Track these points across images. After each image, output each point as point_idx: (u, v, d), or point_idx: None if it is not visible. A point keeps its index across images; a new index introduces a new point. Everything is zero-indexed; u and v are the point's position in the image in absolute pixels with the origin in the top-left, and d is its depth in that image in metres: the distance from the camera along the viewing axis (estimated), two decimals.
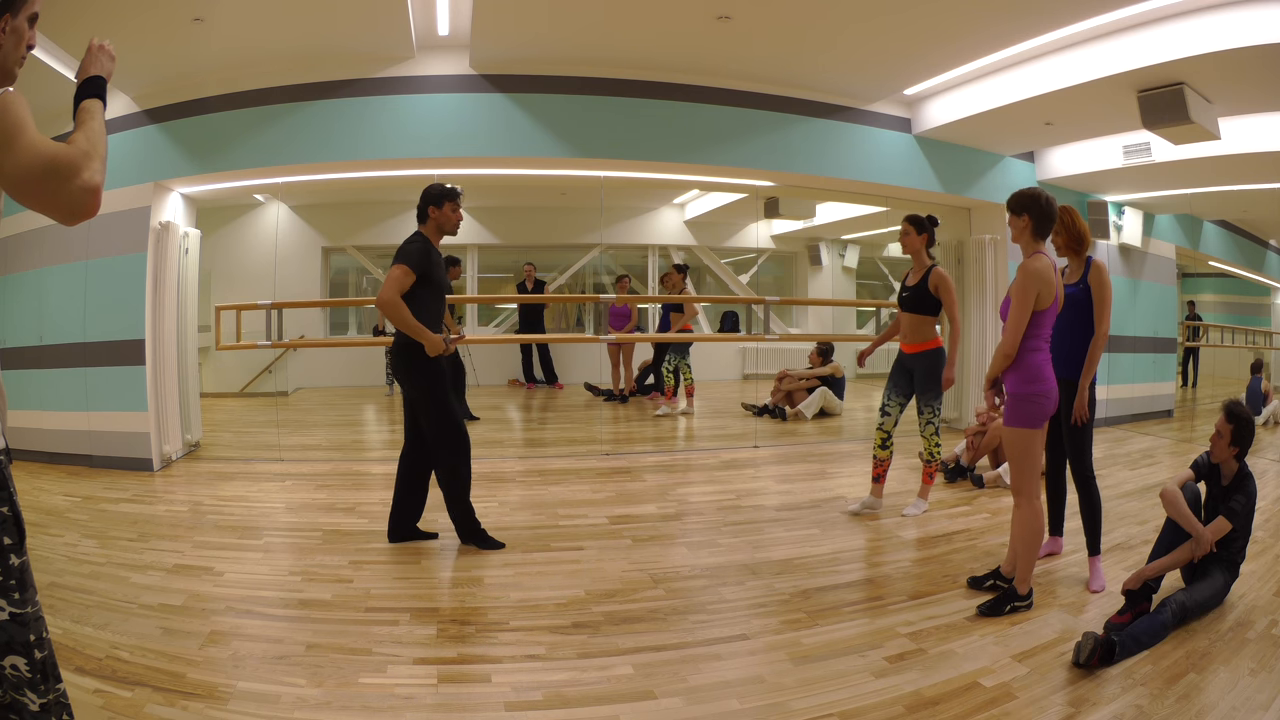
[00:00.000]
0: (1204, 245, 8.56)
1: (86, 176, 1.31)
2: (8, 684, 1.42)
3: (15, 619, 1.38)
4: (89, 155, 1.33)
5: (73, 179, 1.30)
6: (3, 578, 1.36)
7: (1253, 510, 2.96)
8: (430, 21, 4.85)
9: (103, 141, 1.40)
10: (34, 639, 1.40)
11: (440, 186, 3.54)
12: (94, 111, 1.47)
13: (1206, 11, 4.11)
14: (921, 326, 4.19)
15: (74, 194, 1.30)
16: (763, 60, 5.21)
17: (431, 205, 3.50)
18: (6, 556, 1.35)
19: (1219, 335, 8.92)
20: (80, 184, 1.30)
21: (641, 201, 9.49)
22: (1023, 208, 2.87)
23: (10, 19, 1.42)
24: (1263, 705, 2.21)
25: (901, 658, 2.52)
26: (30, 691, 1.41)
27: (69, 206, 1.31)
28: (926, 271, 4.12)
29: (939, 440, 4.31)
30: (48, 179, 1.29)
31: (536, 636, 2.66)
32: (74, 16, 4.11)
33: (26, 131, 1.30)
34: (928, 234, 4.16)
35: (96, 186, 1.32)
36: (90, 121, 1.43)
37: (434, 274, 3.44)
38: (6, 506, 1.35)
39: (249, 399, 8.24)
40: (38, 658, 1.41)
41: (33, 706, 1.42)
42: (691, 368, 7.55)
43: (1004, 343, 2.83)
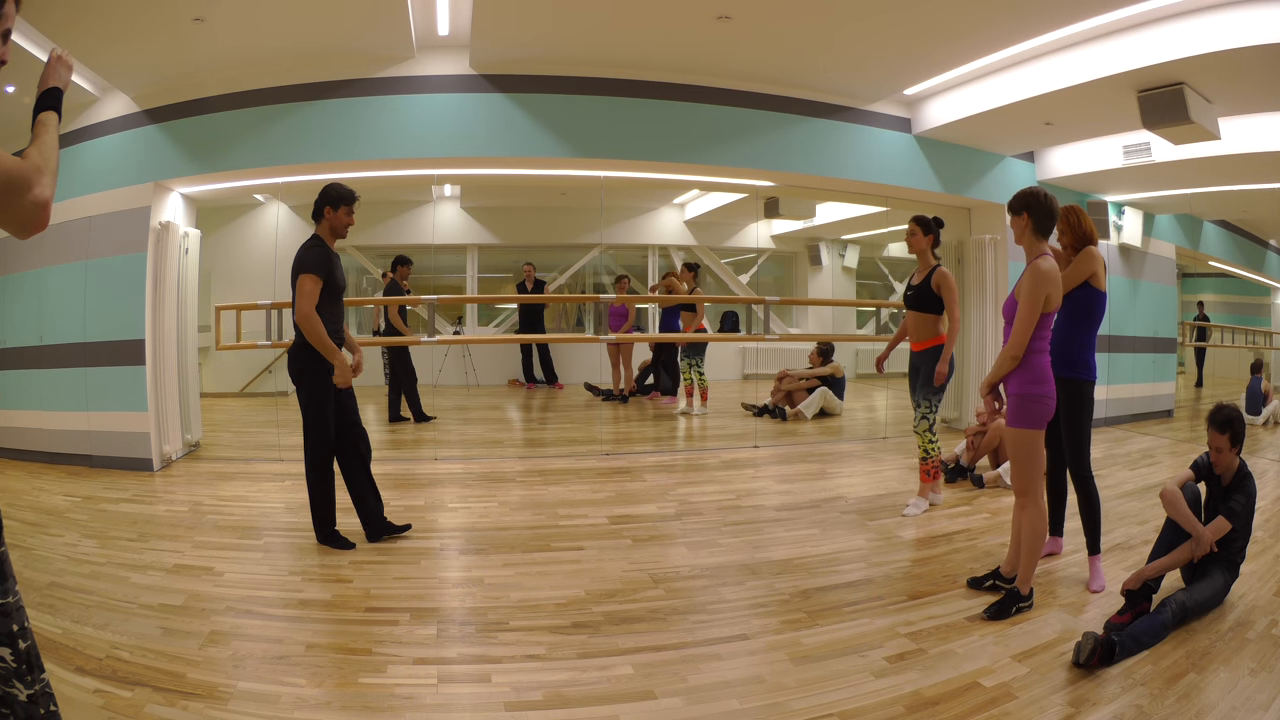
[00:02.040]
0: (1204, 245, 8.56)
1: (37, 192, 1.33)
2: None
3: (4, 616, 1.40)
4: (40, 170, 1.36)
5: (24, 194, 1.32)
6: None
7: (1253, 510, 2.96)
8: (430, 21, 4.85)
9: (54, 155, 1.43)
10: (17, 629, 1.43)
11: (340, 188, 3.55)
12: (49, 124, 1.50)
13: (1206, 11, 4.11)
14: (926, 324, 4.25)
15: (25, 209, 1.33)
16: (763, 60, 5.21)
17: (328, 206, 3.52)
18: None
19: (1219, 335, 8.92)
20: (31, 199, 1.33)
21: (641, 201, 9.48)
22: (1022, 206, 2.86)
23: None
24: (1263, 705, 2.21)
25: (901, 658, 2.52)
26: (18, 682, 1.44)
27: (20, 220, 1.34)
28: (931, 271, 4.19)
29: (934, 437, 4.31)
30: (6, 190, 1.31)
31: (536, 636, 2.66)
32: (75, 17, 4.11)
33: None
34: (933, 235, 4.23)
35: (46, 201, 1.35)
36: (44, 135, 1.46)
37: (334, 276, 3.51)
38: None
39: (249, 399, 8.24)
40: (21, 648, 1.43)
41: (21, 697, 1.45)
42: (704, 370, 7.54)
43: (1012, 344, 2.80)
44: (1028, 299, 2.77)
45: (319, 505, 3.61)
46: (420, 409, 6.99)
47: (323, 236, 3.54)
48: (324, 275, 3.44)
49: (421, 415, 6.98)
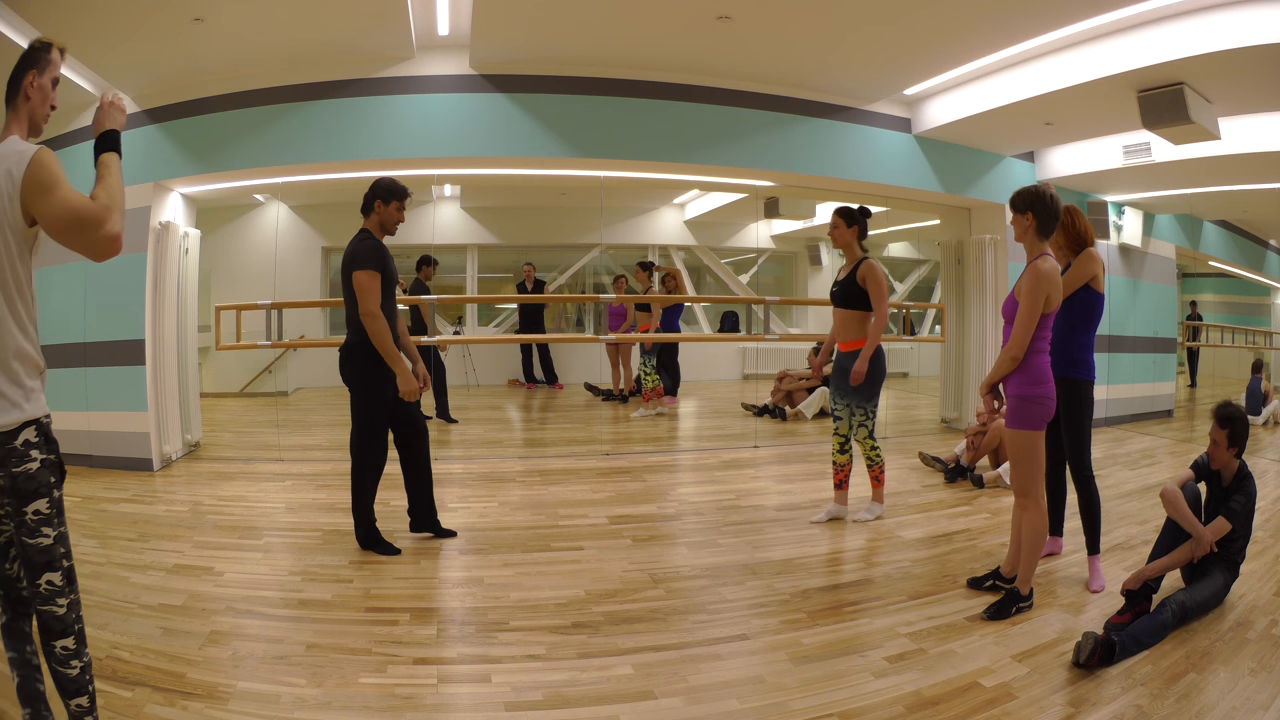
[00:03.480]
0: (1204, 245, 8.56)
1: (109, 228, 1.62)
2: (40, 599, 1.72)
3: (58, 540, 1.73)
4: (109, 209, 1.64)
5: (98, 229, 1.61)
6: (51, 510, 1.71)
7: (1253, 510, 2.96)
8: (430, 21, 4.85)
9: (120, 193, 1.70)
10: (63, 551, 1.75)
11: (392, 182, 3.45)
12: (111, 166, 1.76)
13: (1206, 11, 4.11)
14: (855, 322, 3.99)
15: (99, 241, 1.62)
16: (763, 60, 5.20)
17: (379, 200, 3.42)
18: (53, 491, 1.71)
19: (1219, 335, 8.92)
20: (104, 234, 1.62)
21: (641, 201, 9.49)
22: (1027, 205, 2.82)
23: (36, 75, 1.75)
24: (1263, 705, 2.21)
25: (901, 658, 2.52)
26: (59, 599, 1.74)
27: (94, 250, 1.63)
28: (857, 264, 3.93)
29: (875, 443, 4.11)
30: (77, 229, 1.61)
31: (536, 636, 2.66)
32: (76, 18, 4.11)
33: (60, 186, 1.62)
34: (858, 226, 3.97)
35: (117, 235, 1.64)
36: (108, 176, 1.73)
37: (390, 270, 3.42)
38: (54, 455, 1.73)
39: (249, 399, 8.25)
40: (66, 566, 1.75)
41: (59, 611, 1.74)
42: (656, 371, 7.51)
43: (1012, 345, 2.79)
44: (1028, 299, 2.76)
45: (361, 512, 3.55)
46: (447, 408, 6.98)
47: (372, 230, 3.43)
48: (380, 270, 3.32)
49: (446, 415, 6.96)
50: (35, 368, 1.71)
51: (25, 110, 1.77)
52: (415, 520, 3.72)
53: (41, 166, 1.62)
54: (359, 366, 3.40)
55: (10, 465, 1.64)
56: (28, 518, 1.68)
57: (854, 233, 3.96)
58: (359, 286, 3.29)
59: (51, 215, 1.61)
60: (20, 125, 1.76)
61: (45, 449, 1.70)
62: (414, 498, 3.70)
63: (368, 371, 3.39)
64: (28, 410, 1.66)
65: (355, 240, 3.42)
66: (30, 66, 1.75)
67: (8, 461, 1.64)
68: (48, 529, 1.71)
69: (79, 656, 1.78)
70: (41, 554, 1.71)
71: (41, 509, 1.69)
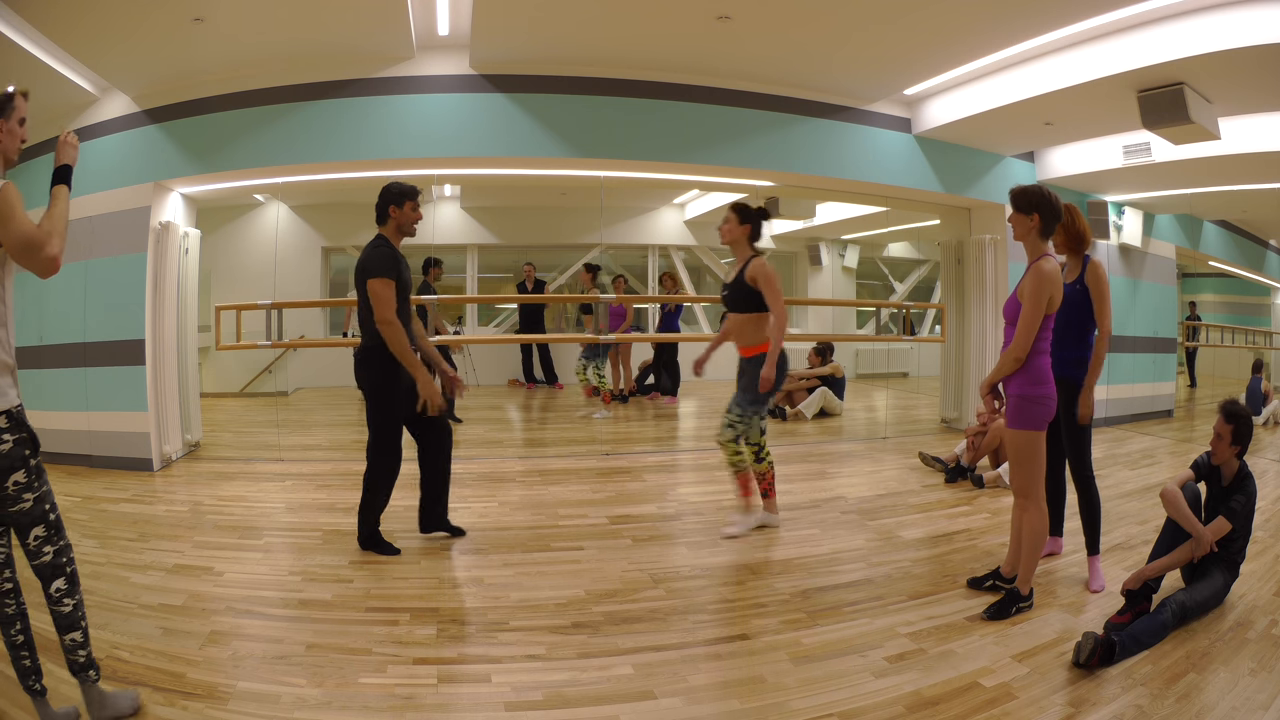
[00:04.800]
0: (1204, 245, 8.56)
1: (48, 251, 1.90)
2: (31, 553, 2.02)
3: (38, 500, 2.01)
4: (50, 235, 1.92)
5: (39, 252, 1.89)
6: (29, 478, 1.99)
7: (1253, 510, 2.96)
8: (430, 21, 4.85)
9: (63, 221, 1.99)
10: (48, 507, 2.03)
11: (400, 185, 3.44)
12: (59, 197, 2.04)
13: (1206, 11, 4.11)
14: (749, 326, 3.73)
15: (41, 262, 1.91)
16: (763, 60, 5.20)
17: (392, 205, 3.41)
18: (28, 461, 1.99)
19: (1219, 335, 8.92)
20: (44, 256, 1.90)
21: (641, 201, 9.49)
22: (1033, 206, 2.82)
23: (4, 122, 2.02)
24: (1263, 705, 2.21)
25: (901, 658, 2.52)
26: (47, 546, 2.03)
27: (38, 269, 1.92)
28: (746, 263, 3.71)
29: (739, 449, 3.78)
30: (25, 252, 1.90)
31: (536, 636, 2.66)
32: (75, 17, 4.11)
33: (14, 217, 1.88)
34: (751, 224, 3.74)
35: (55, 256, 1.92)
36: (54, 206, 2.00)
37: (404, 277, 3.43)
38: (25, 433, 1.99)
39: (249, 399, 8.25)
40: (52, 518, 2.04)
41: (48, 559, 2.04)
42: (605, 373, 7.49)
43: (1016, 346, 2.78)
44: (1032, 300, 2.76)
45: (369, 514, 3.52)
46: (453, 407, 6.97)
47: (388, 237, 3.42)
48: (394, 277, 3.32)
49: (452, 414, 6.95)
50: (5, 367, 1.98)
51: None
52: (427, 520, 3.70)
53: (2, 199, 1.88)
54: (374, 371, 3.39)
55: None
56: (9, 489, 1.96)
57: (745, 231, 3.74)
58: (374, 295, 3.29)
59: (8, 240, 1.89)
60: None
61: (15, 431, 1.96)
62: (429, 497, 3.67)
63: (383, 376, 3.38)
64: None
65: (370, 247, 3.40)
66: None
67: None
68: (28, 494, 1.99)
69: (70, 596, 2.07)
70: (25, 515, 2.00)
71: (19, 479, 1.97)
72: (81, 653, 2.09)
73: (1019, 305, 2.83)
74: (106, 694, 2.13)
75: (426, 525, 3.71)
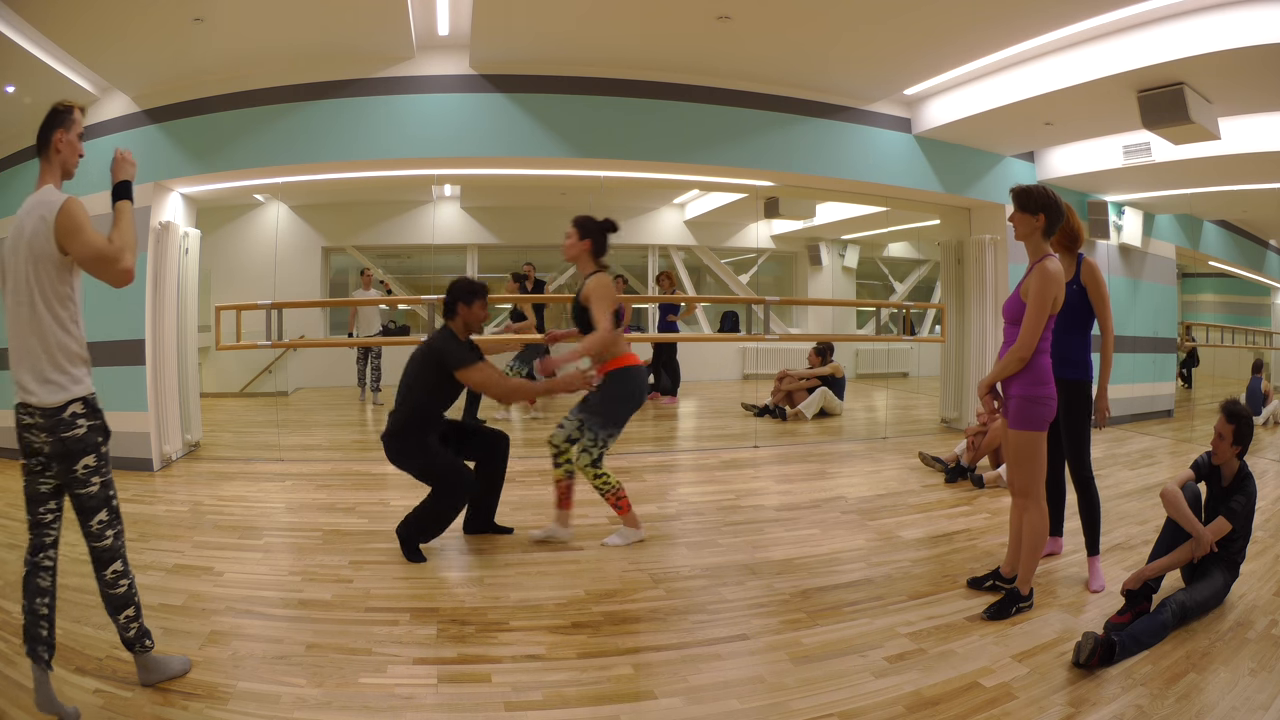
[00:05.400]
0: (1204, 245, 8.56)
1: (122, 264, 2.10)
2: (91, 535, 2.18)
3: (104, 485, 2.17)
4: (123, 250, 2.11)
5: (114, 265, 2.09)
6: (99, 462, 2.16)
7: (1253, 510, 2.96)
8: (430, 21, 4.85)
9: (132, 234, 2.16)
10: (111, 494, 2.20)
11: (470, 283, 3.51)
12: (124, 211, 2.21)
13: (1206, 11, 4.11)
14: None
15: (116, 274, 2.11)
16: (763, 60, 5.20)
17: (460, 302, 3.49)
18: (99, 448, 2.17)
19: (1219, 335, 8.92)
20: (119, 269, 2.10)
21: (641, 201, 9.49)
22: (1040, 207, 2.82)
23: (64, 133, 2.20)
24: (1263, 705, 2.21)
25: (901, 658, 2.52)
26: (108, 531, 2.19)
27: (113, 281, 2.13)
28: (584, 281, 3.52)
29: (601, 471, 3.56)
30: (99, 265, 2.10)
31: (536, 636, 2.66)
32: (74, 17, 4.11)
33: (84, 231, 2.07)
34: (592, 240, 3.51)
35: (129, 269, 2.12)
36: (121, 221, 2.18)
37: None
38: (99, 420, 2.18)
39: (249, 399, 8.25)
40: (114, 505, 2.21)
41: (108, 543, 2.19)
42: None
43: (1021, 345, 2.77)
44: (1037, 301, 2.75)
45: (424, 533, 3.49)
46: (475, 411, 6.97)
47: (455, 331, 3.52)
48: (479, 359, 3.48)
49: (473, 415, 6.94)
50: (79, 359, 2.18)
51: (57, 162, 2.20)
52: (475, 524, 3.76)
53: (69, 215, 2.07)
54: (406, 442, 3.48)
55: (60, 431, 2.10)
56: (78, 471, 2.12)
57: (586, 246, 3.51)
58: (473, 382, 3.44)
59: (79, 254, 2.08)
60: (54, 175, 2.20)
61: (91, 417, 2.15)
62: (483, 504, 3.75)
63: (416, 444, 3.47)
64: (73, 391, 2.13)
65: (440, 337, 3.50)
66: (58, 126, 2.19)
67: (58, 429, 2.10)
68: (95, 478, 2.15)
69: (125, 577, 2.24)
70: (91, 499, 2.15)
71: (90, 463, 2.14)
72: (134, 625, 2.24)
73: (1021, 304, 2.83)
74: (159, 658, 2.29)
75: (473, 528, 3.76)
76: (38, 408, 2.09)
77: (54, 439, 2.10)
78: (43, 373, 2.10)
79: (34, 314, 2.10)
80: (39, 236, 2.08)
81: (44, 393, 2.09)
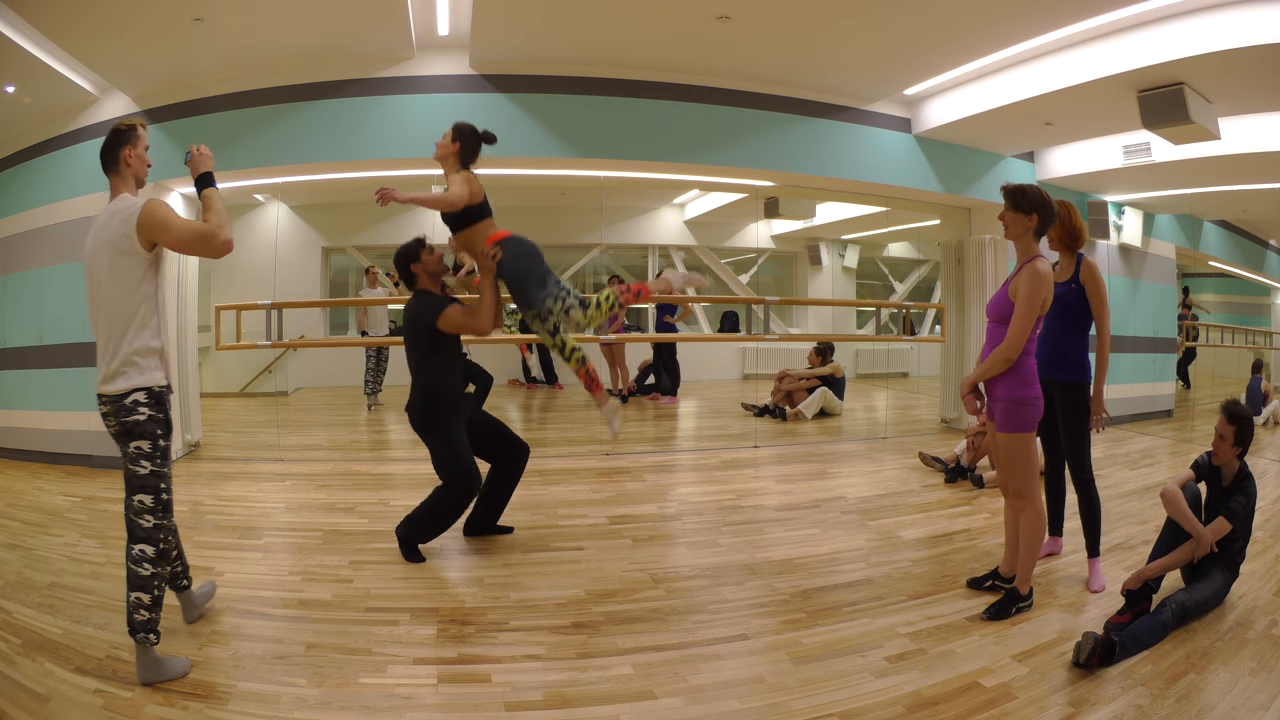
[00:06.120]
0: (1204, 245, 8.55)
1: (222, 237, 2.36)
2: (131, 509, 2.36)
3: (154, 474, 2.36)
4: (221, 226, 2.37)
5: (214, 240, 2.35)
6: (153, 450, 2.35)
7: (1253, 510, 2.96)
8: (430, 21, 4.85)
9: (225, 214, 2.41)
10: (162, 486, 2.39)
11: (405, 246, 3.55)
12: (213, 196, 2.46)
13: (1206, 11, 4.11)
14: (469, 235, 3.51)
15: (218, 247, 2.35)
16: (763, 60, 5.20)
17: (412, 264, 3.53)
18: (158, 439, 2.37)
19: (1219, 335, 8.92)
20: (219, 242, 2.36)
21: (641, 201, 9.49)
22: (1034, 207, 2.81)
23: (132, 149, 2.47)
24: (1263, 705, 2.21)
25: (901, 658, 2.52)
26: (146, 515, 2.36)
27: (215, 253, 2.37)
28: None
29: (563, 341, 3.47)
30: (199, 241, 2.36)
31: (536, 636, 2.66)
32: (74, 16, 4.11)
33: (174, 221, 2.34)
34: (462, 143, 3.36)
35: (228, 240, 2.36)
36: (215, 203, 2.43)
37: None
38: (161, 414, 2.38)
39: (249, 399, 8.24)
40: (164, 498, 2.40)
41: (143, 524, 2.36)
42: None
43: (1008, 346, 2.76)
44: (1027, 301, 2.74)
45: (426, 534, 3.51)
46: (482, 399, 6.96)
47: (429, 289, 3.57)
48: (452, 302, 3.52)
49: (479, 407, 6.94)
50: (155, 353, 2.38)
51: (128, 174, 2.44)
52: (476, 527, 3.76)
53: (153, 213, 2.31)
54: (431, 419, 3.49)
55: (121, 415, 2.33)
56: (130, 451, 2.34)
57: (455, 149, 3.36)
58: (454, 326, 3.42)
59: (177, 239, 2.33)
60: (127, 185, 2.44)
61: (153, 408, 2.35)
62: (489, 509, 3.76)
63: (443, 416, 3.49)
64: (137, 381, 2.34)
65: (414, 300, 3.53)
66: (124, 144, 2.45)
67: (120, 413, 2.34)
68: (145, 462, 2.35)
69: (152, 563, 2.35)
70: (137, 479, 2.34)
71: (143, 447, 2.34)
72: (143, 614, 2.31)
73: (1007, 303, 2.81)
74: (160, 657, 2.33)
75: (473, 530, 3.76)
76: (107, 395, 2.35)
77: (117, 421, 2.34)
78: (115, 365, 2.33)
79: (114, 312, 2.34)
80: (122, 239, 2.31)
81: (112, 383, 2.34)
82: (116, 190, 2.41)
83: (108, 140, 2.43)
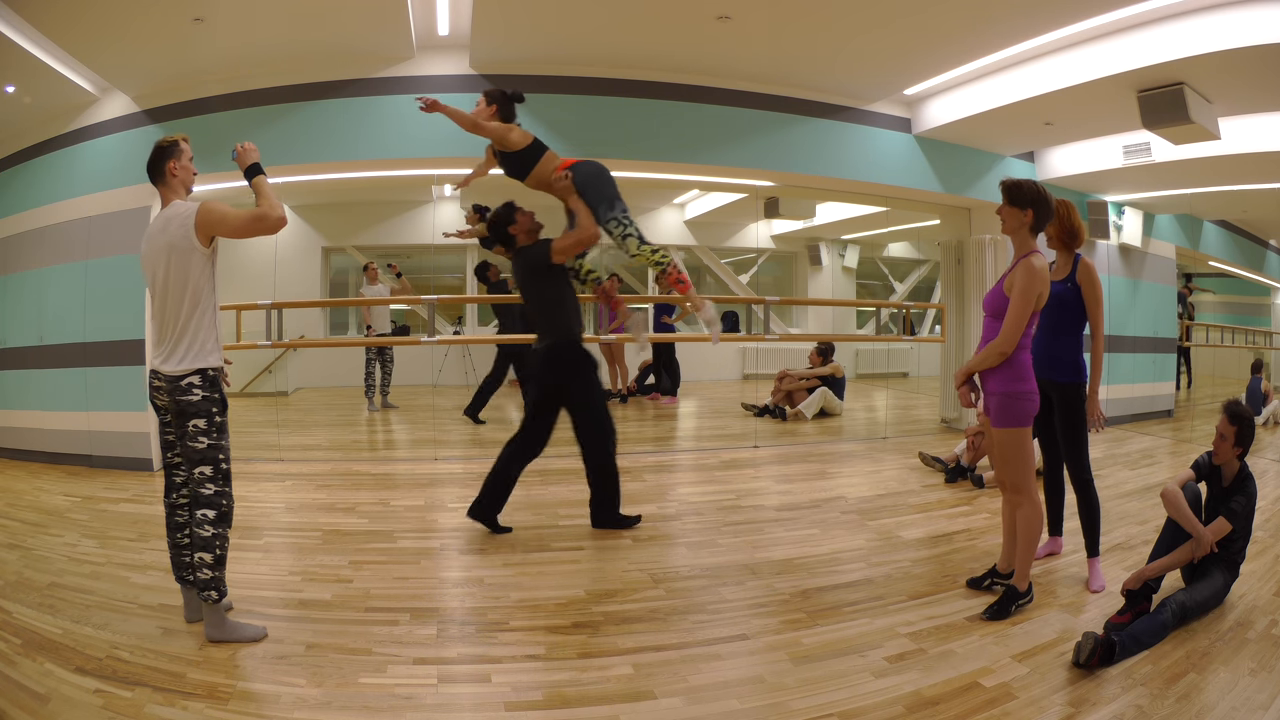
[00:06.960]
0: (1204, 245, 8.55)
1: (275, 215, 2.57)
2: (194, 481, 2.57)
3: (212, 447, 2.57)
4: (271, 206, 2.58)
5: (268, 219, 2.57)
6: (209, 427, 2.56)
7: (1253, 510, 2.96)
8: (430, 21, 4.85)
9: (273, 194, 2.63)
10: (221, 458, 2.61)
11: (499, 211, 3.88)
12: (262, 183, 2.67)
13: (1206, 11, 4.11)
14: None
15: (273, 224, 2.57)
16: (763, 60, 5.20)
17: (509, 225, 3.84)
18: (213, 417, 2.58)
19: (1219, 335, 8.91)
20: (274, 219, 2.57)
21: (641, 201, 9.48)
22: (1030, 202, 2.81)
23: (176, 162, 2.65)
24: (1263, 705, 2.21)
25: (901, 658, 2.52)
26: (209, 483, 2.58)
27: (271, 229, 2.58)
28: None
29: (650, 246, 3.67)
30: (256, 224, 2.57)
31: (536, 636, 2.66)
32: (74, 16, 4.12)
33: (231, 213, 2.57)
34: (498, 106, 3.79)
35: (281, 215, 2.58)
36: (264, 187, 2.65)
37: None
38: (216, 394, 2.59)
39: (249, 399, 8.24)
40: (223, 468, 2.61)
41: (207, 491, 2.57)
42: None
43: (1003, 341, 2.76)
44: (1022, 297, 2.74)
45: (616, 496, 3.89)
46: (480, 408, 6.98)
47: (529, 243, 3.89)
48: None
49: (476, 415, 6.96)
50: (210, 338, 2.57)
51: (176, 184, 2.65)
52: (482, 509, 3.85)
53: (210, 212, 2.54)
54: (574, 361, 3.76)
55: (178, 395, 2.53)
56: (189, 429, 2.54)
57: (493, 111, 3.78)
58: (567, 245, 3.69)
59: (238, 229, 2.57)
60: (176, 192, 2.65)
61: (206, 389, 2.55)
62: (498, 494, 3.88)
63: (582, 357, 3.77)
64: (194, 363, 2.53)
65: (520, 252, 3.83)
66: (168, 158, 2.64)
67: (176, 392, 2.53)
68: (203, 438, 2.55)
69: (215, 525, 2.56)
70: (196, 453, 2.55)
71: (199, 425, 2.54)
72: (206, 572, 2.52)
73: (1002, 298, 2.81)
74: (230, 620, 2.55)
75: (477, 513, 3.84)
76: (163, 375, 2.54)
77: (172, 400, 2.54)
78: (173, 349, 2.55)
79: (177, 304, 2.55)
80: (183, 239, 2.53)
81: (169, 364, 2.54)
82: (166, 199, 2.65)
83: (152, 156, 2.65)
